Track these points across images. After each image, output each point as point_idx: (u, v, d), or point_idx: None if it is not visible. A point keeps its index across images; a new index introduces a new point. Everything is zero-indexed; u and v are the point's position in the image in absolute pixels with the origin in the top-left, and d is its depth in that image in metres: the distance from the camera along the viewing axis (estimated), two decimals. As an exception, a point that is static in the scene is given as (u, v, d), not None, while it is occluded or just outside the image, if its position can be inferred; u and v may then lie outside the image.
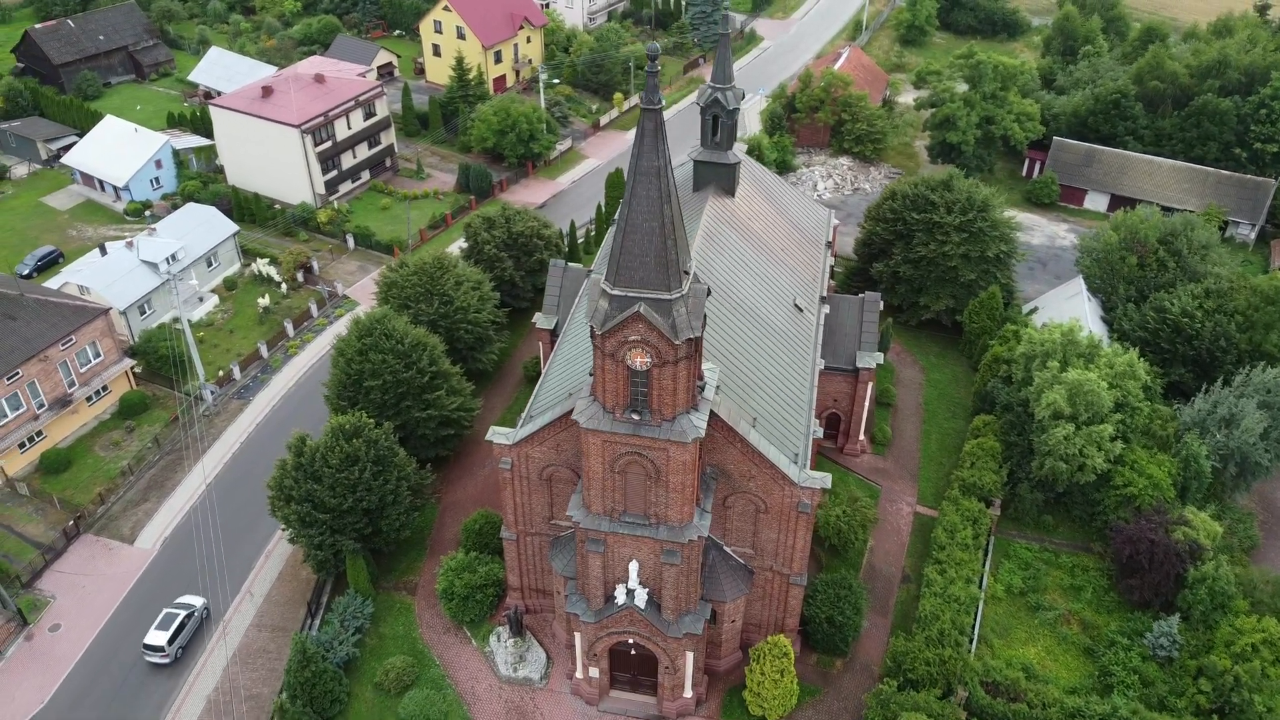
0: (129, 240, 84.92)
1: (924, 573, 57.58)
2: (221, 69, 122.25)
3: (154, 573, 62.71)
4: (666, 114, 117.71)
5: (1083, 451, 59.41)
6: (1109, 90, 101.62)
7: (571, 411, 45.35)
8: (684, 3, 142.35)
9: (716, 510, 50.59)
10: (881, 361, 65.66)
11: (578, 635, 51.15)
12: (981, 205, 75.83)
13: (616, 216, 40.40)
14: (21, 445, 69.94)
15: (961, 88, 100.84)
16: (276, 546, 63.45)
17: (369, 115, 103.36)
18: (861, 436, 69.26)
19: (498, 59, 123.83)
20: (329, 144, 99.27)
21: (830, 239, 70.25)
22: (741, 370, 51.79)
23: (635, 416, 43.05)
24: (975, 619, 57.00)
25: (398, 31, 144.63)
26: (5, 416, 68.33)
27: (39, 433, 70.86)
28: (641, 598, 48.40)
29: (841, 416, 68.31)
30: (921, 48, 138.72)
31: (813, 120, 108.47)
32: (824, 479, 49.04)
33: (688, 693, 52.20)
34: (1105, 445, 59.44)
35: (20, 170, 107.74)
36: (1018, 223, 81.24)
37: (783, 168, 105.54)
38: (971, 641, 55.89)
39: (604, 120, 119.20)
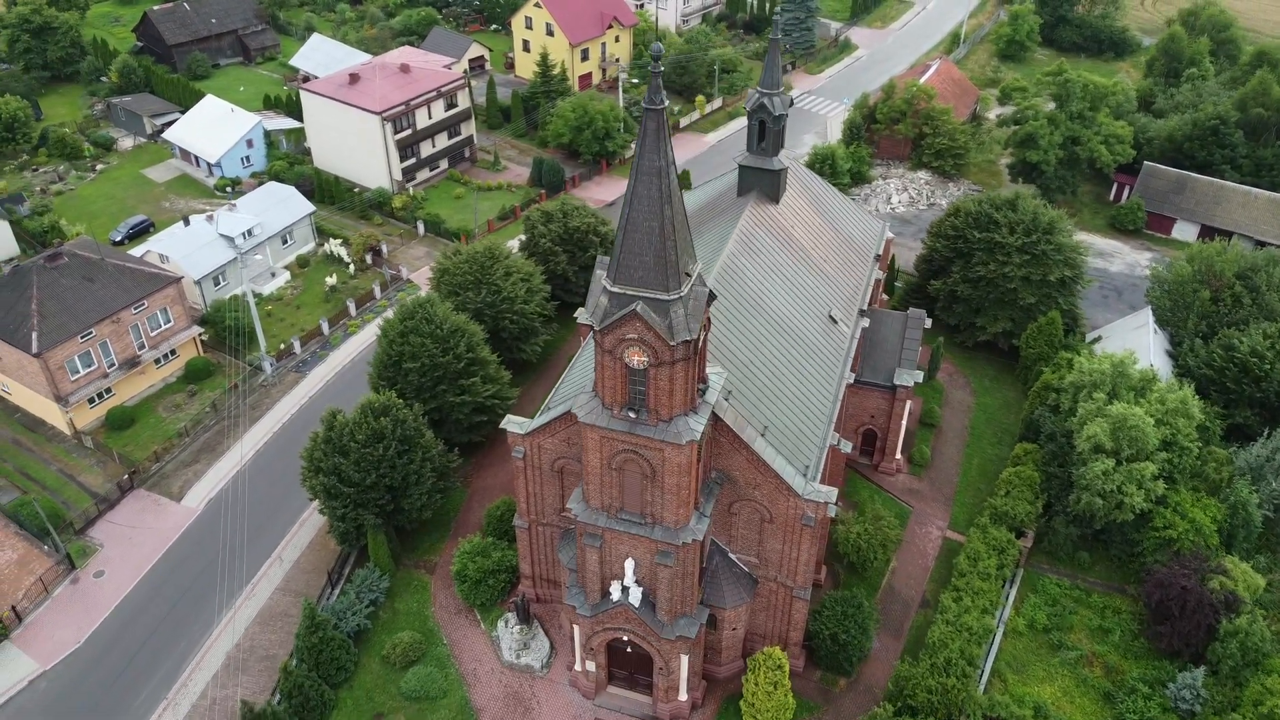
0: (209, 214, 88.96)
1: (939, 598, 56.10)
2: (321, 55, 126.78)
3: (195, 531, 65.61)
4: (744, 121, 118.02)
5: (1121, 489, 57.00)
6: (1208, 115, 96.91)
7: (580, 406, 45.74)
8: (778, 8, 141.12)
9: (722, 516, 50.36)
10: (920, 380, 64.20)
11: (575, 628, 51.60)
12: (1047, 227, 73.32)
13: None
14: (91, 400, 74.04)
15: (1048, 106, 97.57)
16: (310, 516, 65.61)
17: (450, 106, 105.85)
18: (898, 455, 67.81)
19: (584, 57, 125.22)
20: (409, 132, 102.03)
21: (880, 252, 68.91)
22: (759, 377, 51.40)
23: (632, 414, 43.20)
24: (989, 651, 55.29)
25: (494, 26, 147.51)
26: (78, 372, 72.43)
27: (108, 390, 74.91)
28: (636, 596, 48.50)
29: (878, 433, 67.05)
30: (1021, 64, 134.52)
31: (892, 132, 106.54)
32: (830, 493, 48.31)
33: (683, 696, 52.07)
34: (1147, 484, 56.89)
35: (126, 143, 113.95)
36: (1086, 247, 78.24)
37: (857, 178, 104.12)
38: (982, 674, 54.27)
39: (684, 122, 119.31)
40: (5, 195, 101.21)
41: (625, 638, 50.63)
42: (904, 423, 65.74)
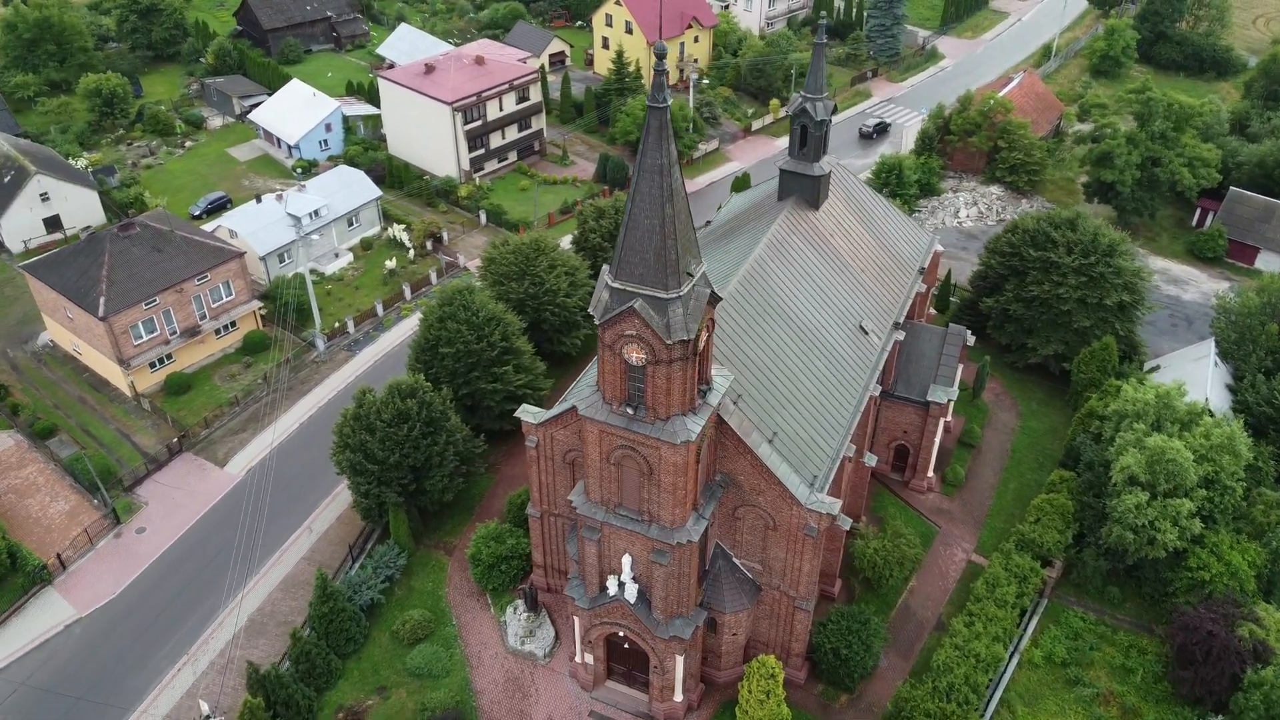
0: (279, 193, 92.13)
1: (950, 622, 54.75)
2: (406, 45, 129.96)
3: (234, 496, 68.11)
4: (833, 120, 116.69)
5: (1155, 524, 54.72)
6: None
7: (590, 399, 46.00)
8: (865, 14, 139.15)
9: (726, 520, 50.10)
10: (954, 397, 62.68)
11: (575, 619, 51.99)
12: (1107, 249, 70.77)
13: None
14: (152, 365, 77.50)
15: (1128, 124, 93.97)
16: (342, 490, 67.34)
17: (522, 99, 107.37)
18: (930, 473, 66.35)
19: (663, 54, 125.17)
20: (479, 123, 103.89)
21: (925, 265, 67.46)
22: (774, 383, 50.94)
23: (630, 411, 43.35)
24: (998, 680, 53.72)
25: (579, 23, 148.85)
26: (141, 338, 75.90)
27: (169, 356, 78.28)
28: (632, 592, 48.62)
29: (910, 449, 65.72)
30: (1115, 80, 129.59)
31: (966, 144, 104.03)
32: (833, 504, 47.64)
33: (678, 697, 51.97)
34: (1182, 521, 54.49)
35: (215, 122, 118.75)
36: (1149, 272, 75.15)
37: (926, 190, 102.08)
38: (989, 703, 52.77)
39: (756, 125, 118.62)
40: (99, 166, 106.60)
41: (621, 634, 50.83)
42: (937, 440, 64.29)
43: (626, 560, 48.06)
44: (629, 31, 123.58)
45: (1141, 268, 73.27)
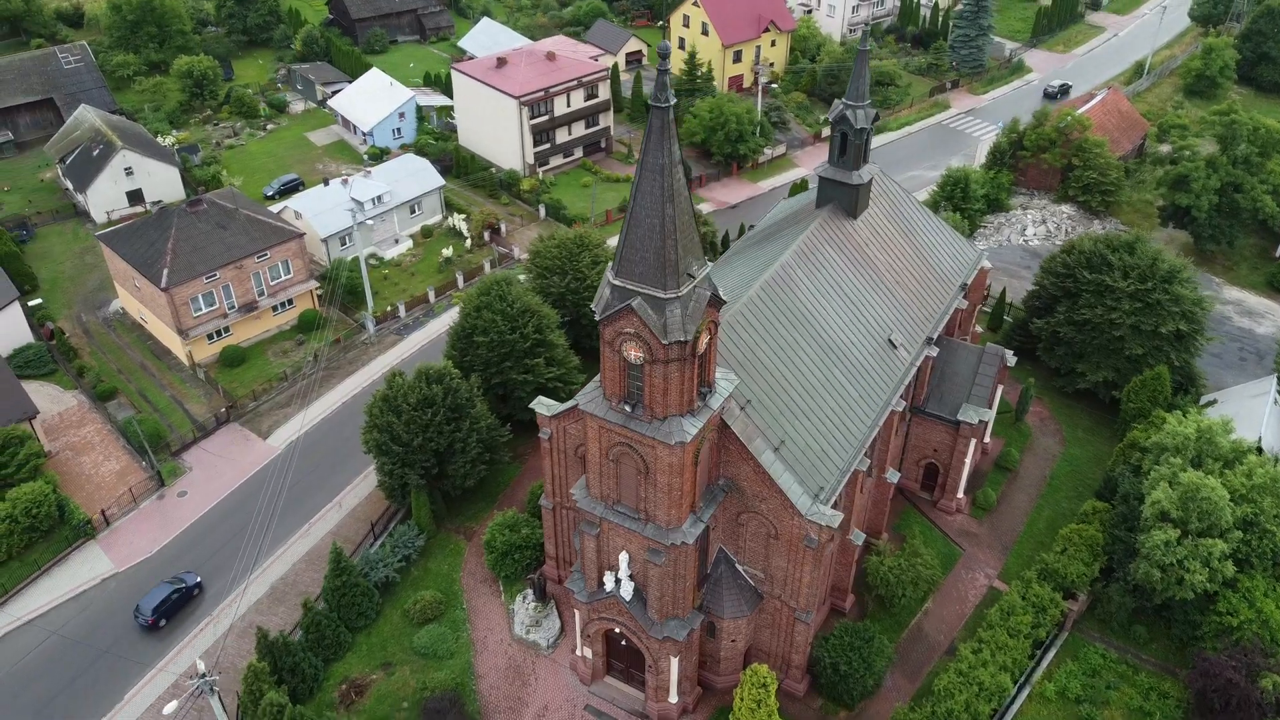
0: (345, 178, 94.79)
1: (958, 647, 53.41)
2: (487, 38, 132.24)
3: (273, 468, 70.39)
4: (895, 134, 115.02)
5: (1183, 564, 52.47)
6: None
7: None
8: (950, 24, 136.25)
9: (730, 525, 49.82)
10: (987, 419, 61.06)
11: (576, 612, 52.36)
12: (1166, 275, 68.07)
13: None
14: (210, 337, 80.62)
15: (1209, 148, 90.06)
16: (373, 469, 68.97)
17: (590, 96, 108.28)
18: (960, 495, 64.79)
19: (736, 58, 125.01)
20: (545, 118, 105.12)
21: (968, 281, 65.80)
22: (788, 391, 50.41)
23: (628, 408, 43.48)
24: (1004, 711, 52.15)
25: (660, 23, 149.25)
26: (200, 310, 79.05)
27: (226, 329, 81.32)
28: (628, 590, 48.74)
29: (940, 468, 64.30)
30: (1210, 101, 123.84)
31: (1039, 160, 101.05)
32: (834, 517, 46.95)
33: (673, 698, 51.86)
34: (1214, 563, 52.12)
35: (298, 107, 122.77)
36: (1210, 301, 71.87)
37: (993, 205, 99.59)
38: (992, 734, 51.35)
39: (827, 131, 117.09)
40: (184, 145, 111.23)
41: (617, 630, 51.01)
42: (968, 461, 62.75)
43: (623, 558, 48.21)
44: (705, 33, 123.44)
45: (1203, 297, 70.19)
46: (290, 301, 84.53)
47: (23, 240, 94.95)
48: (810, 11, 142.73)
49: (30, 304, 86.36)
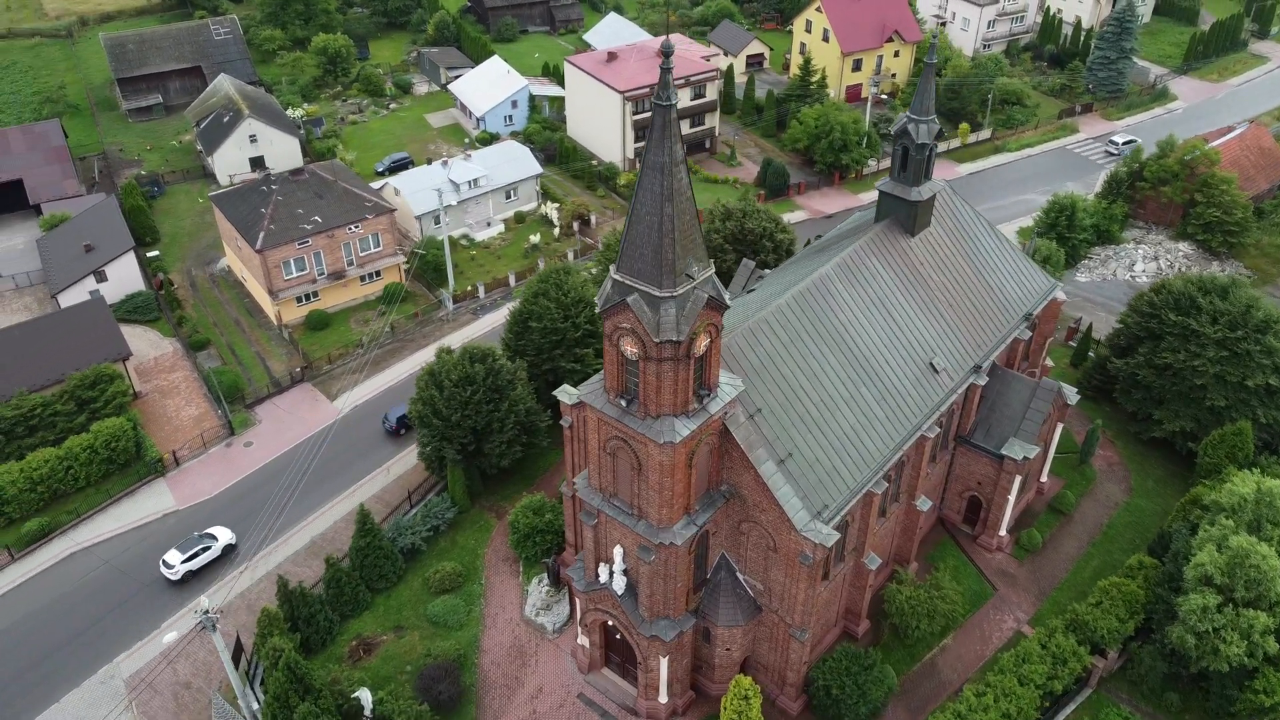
0: (445, 159, 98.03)
1: (964, 688, 51.34)
2: (611, 32, 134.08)
3: (333, 430, 73.71)
4: (1013, 155, 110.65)
5: (1220, 633, 48.92)
6: None
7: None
8: (1092, 44, 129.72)
9: (732, 533, 49.41)
10: (1030, 456, 58.25)
11: (577, 601, 52.99)
12: (1259, 325, 63.33)
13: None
14: (299, 300, 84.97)
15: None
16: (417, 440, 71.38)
17: (697, 96, 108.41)
18: (1003, 532, 62.12)
19: (856, 67, 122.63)
20: (649, 114, 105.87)
21: (1035, 311, 62.83)
22: (805, 404, 49.51)
23: (623, 403, 43.74)
24: (1002, 761, 49.84)
25: (789, 27, 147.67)
26: (291, 273, 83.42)
27: (314, 294, 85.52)
28: (620, 584, 49.03)
29: (983, 503, 61.83)
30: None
31: (1158, 194, 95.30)
32: (829, 535, 45.94)
33: (663, 698, 51.87)
34: (1255, 636, 48.40)
35: (422, 89, 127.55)
36: (1309, 357, 66.27)
37: (1103, 236, 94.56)
38: (986, 782, 49.14)
39: (939, 148, 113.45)
40: (311, 118, 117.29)
41: (610, 622, 51.36)
42: (1011, 498, 60.09)
43: (618, 551, 48.53)
44: (826, 39, 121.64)
45: (1301, 351, 64.87)
46: (378, 273, 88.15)
47: (153, 196, 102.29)
48: (944, 24, 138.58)
49: (148, 255, 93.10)
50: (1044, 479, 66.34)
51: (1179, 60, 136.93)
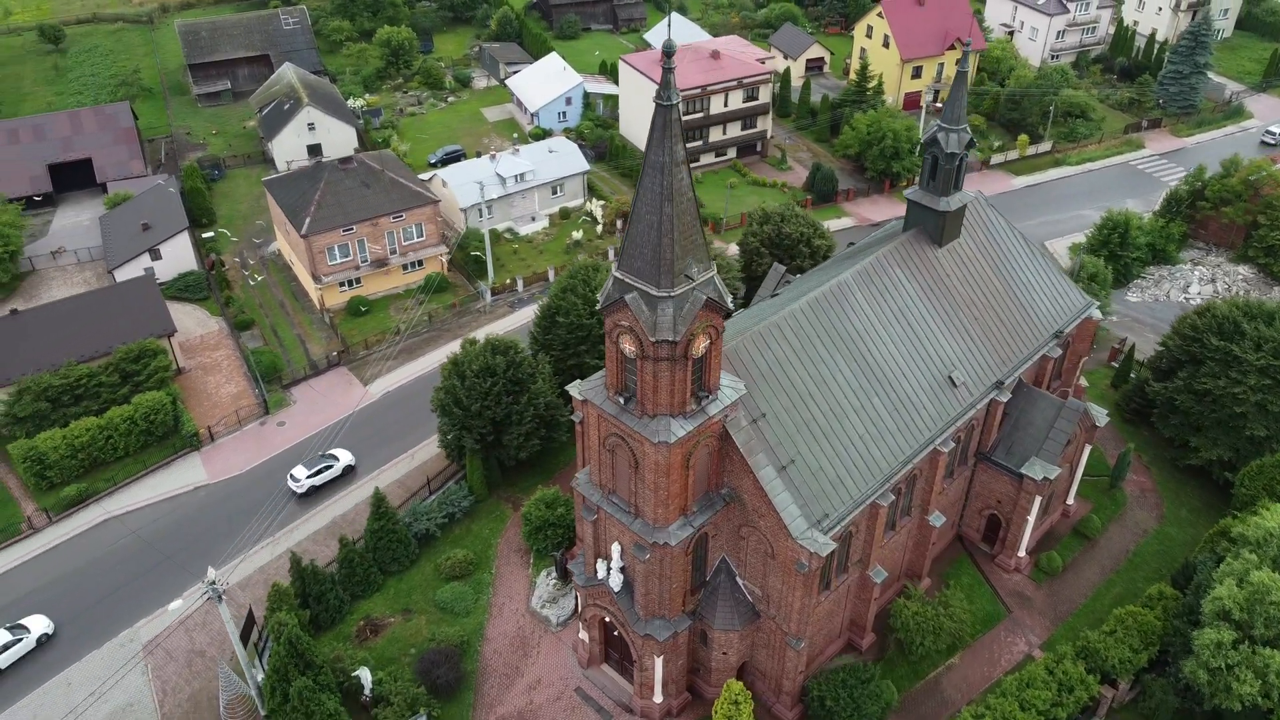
0: (493, 153, 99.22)
1: (963, 710, 50.38)
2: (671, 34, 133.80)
3: (365, 414, 75.15)
4: (1072, 169, 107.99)
5: (1234, 670, 47.21)
6: None
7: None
8: (1165, 58, 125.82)
9: (733, 538, 49.21)
10: (1051, 477, 56.88)
11: (578, 594, 53.32)
12: (1306, 354, 60.91)
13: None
14: (342, 285, 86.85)
15: None
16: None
17: (750, 98, 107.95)
18: (1021, 553, 60.79)
19: (916, 74, 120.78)
20: (699, 115, 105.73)
21: (1067, 329, 61.28)
22: (812, 411, 49.07)
23: (621, 401, 43.90)
24: (997, 785, 48.81)
25: (853, 31, 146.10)
26: (335, 259, 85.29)
27: (357, 280, 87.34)
28: (616, 581, 49.20)
29: (1002, 522, 60.57)
30: None
31: (1219, 214, 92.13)
32: (825, 545, 45.51)
33: (658, 698, 51.90)
34: (1271, 677, 46.61)
35: (481, 83, 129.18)
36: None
37: (1158, 256, 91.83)
38: (979, 806, 48.22)
39: (996, 159, 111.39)
40: (370, 108, 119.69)
41: (606, 619, 51.57)
42: (1030, 518, 58.75)
43: (616, 548, 48.69)
44: (886, 45, 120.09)
45: (1350, 384, 62.20)
46: (420, 263, 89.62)
47: (214, 179, 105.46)
48: (1012, 34, 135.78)
49: (204, 236, 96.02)
50: (1070, 501, 64.72)
51: (1258, 77, 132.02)
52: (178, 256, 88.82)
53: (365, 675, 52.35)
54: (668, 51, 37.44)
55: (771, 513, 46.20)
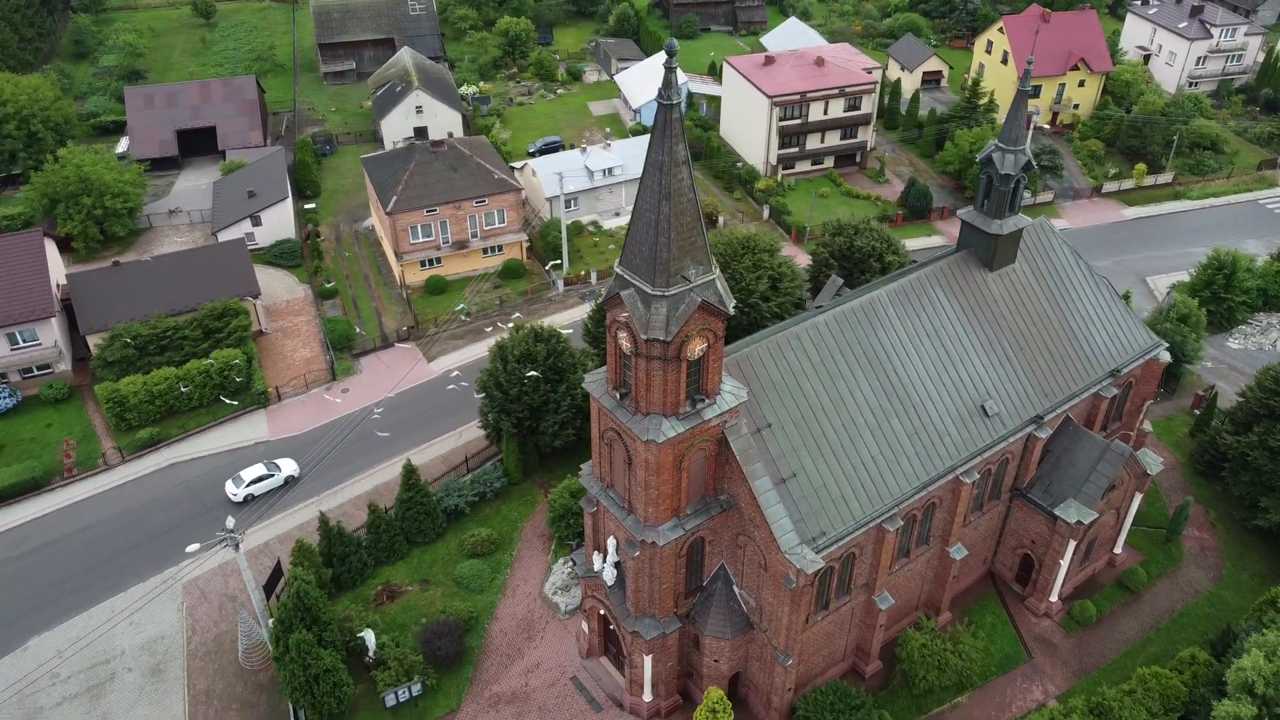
0: (584, 146, 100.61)
1: (954, 750, 48.65)
2: (787, 38, 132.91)
3: (424, 388, 77.65)
4: (1192, 204, 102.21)
5: (1250, 748, 44.06)
6: None
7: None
8: None
9: (731, 546, 48.84)
10: (1086, 521, 54.11)
11: (581, 584, 53.95)
12: (1395, 419, 56.01)
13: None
14: (423, 264, 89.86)
15: None
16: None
17: (851, 108, 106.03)
18: (1054, 598, 58.10)
19: (1034, 93, 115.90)
20: (797, 121, 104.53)
21: (1127, 369, 58.05)
22: (822, 426, 48.15)
23: (618, 395, 44.20)
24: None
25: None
26: (417, 238, 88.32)
27: (437, 260, 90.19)
28: (610, 575, 49.54)
29: (1035, 563, 58.01)
30: None
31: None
32: (813, 561, 44.66)
33: (647, 696, 52.03)
34: (1290, 759, 43.34)
35: (592, 77, 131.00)
36: None
37: (1270, 301, 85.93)
38: None
39: (1110, 187, 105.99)
40: (481, 95, 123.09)
41: (601, 611, 51.96)
42: (1064, 562, 56.07)
43: (611, 543, 49.04)
44: (1004, 62, 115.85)
45: None
46: (500, 248, 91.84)
47: (325, 154, 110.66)
48: (1148, 57, 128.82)
49: (306, 207, 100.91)
50: (1118, 550, 61.41)
51: None
52: (278, 224, 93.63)
53: (370, 637, 54.28)
54: (670, 51, 37.41)
55: (765, 524, 45.65)
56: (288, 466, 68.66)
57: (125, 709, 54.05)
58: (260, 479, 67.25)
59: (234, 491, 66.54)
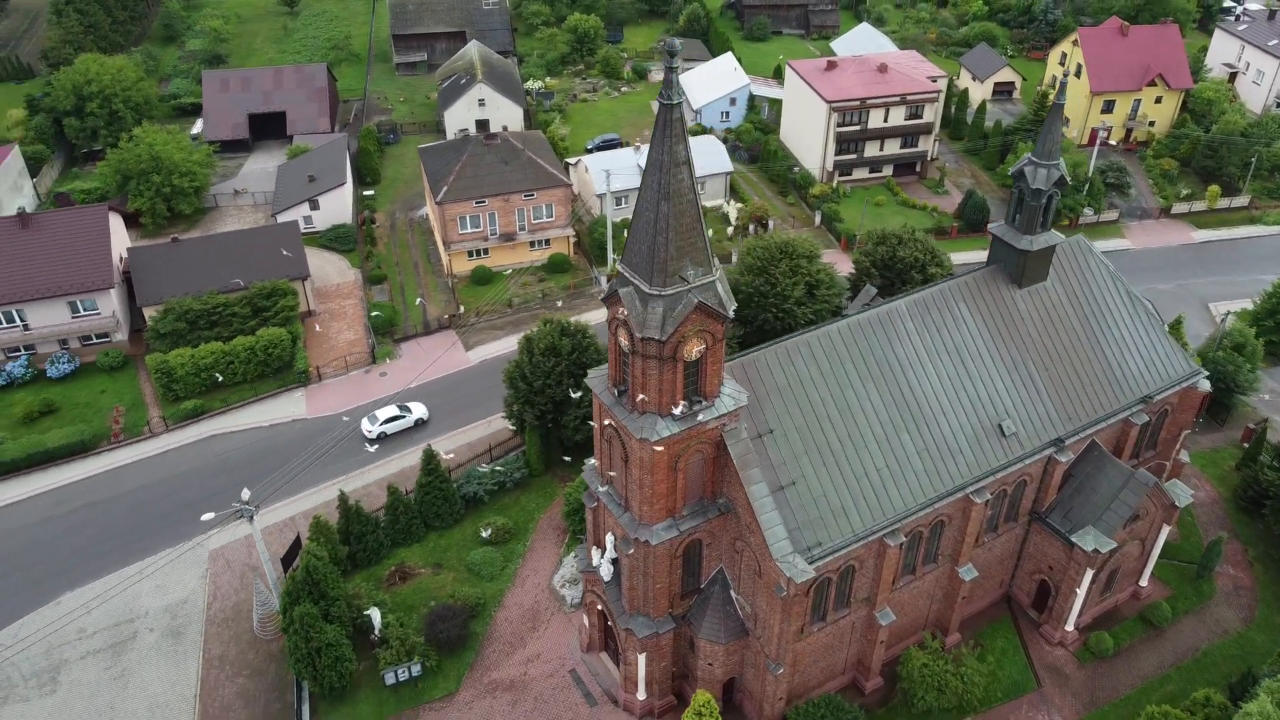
0: (637, 144, 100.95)
1: (944, 774, 47.68)
2: (857, 43, 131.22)
3: (459, 377, 78.94)
4: (1269, 229, 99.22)
5: (1251, 796, 42.31)
6: None
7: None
8: None
9: (729, 550, 48.67)
10: (1104, 550, 52.47)
11: (583, 578, 54.34)
12: None
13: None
14: (470, 254, 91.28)
15: None
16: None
17: (913, 116, 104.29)
18: (1069, 627, 56.50)
19: (1107, 108, 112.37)
20: (856, 128, 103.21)
21: (1160, 396, 56.06)
22: (827, 435, 47.66)
23: (617, 392, 44.42)
24: None
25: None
26: (466, 229, 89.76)
27: (484, 250, 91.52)
28: (607, 571, 49.83)
29: (1052, 590, 56.48)
30: None
31: None
32: (803, 570, 44.24)
33: (640, 694, 52.19)
34: (1293, 812, 41.48)
35: (656, 76, 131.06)
36: None
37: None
38: None
39: (1180, 208, 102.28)
40: (545, 91, 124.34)
41: (600, 606, 52.24)
42: (1080, 591, 54.48)
43: (609, 538, 49.31)
44: (1077, 75, 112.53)
45: None
46: (547, 241, 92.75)
47: (388, 142, 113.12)
48: (1234, 75, 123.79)
49: (365, 194, 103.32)
50: (1144, 583, 59.36)
51: None
52: (335, 209, 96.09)
53: (376, 616, 55.49)
54: (670, 51, 37.47)
55: (759, 531, 45.38)
56: (418, 409, 73.47)
57: (143, 667, 56.25)
58: (393, 419, 72.21)
59: (369, 429, 71.62)
